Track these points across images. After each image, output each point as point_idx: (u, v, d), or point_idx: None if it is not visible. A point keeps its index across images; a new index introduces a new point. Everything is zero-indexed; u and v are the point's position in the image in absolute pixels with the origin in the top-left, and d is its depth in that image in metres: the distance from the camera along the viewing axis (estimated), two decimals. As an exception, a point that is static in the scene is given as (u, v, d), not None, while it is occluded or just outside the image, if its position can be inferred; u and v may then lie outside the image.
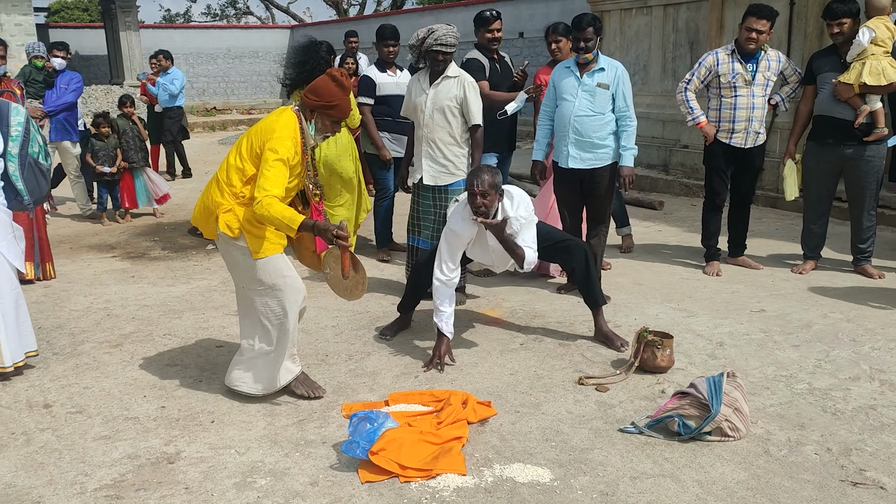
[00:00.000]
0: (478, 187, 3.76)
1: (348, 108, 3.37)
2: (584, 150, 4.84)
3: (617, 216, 6.08)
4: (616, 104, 4.80)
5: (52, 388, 3.73)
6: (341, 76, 3.35)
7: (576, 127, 4.81)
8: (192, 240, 6.93)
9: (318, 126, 3.39)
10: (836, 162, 5.26)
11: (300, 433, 3.22)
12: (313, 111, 3.37)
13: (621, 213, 6.17)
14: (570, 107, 4.83)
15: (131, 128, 7.73)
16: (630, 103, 4.82)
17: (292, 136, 3.28)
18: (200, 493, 2.79)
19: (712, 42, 8.31)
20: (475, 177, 3.80)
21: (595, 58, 4.78)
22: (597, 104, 4.78)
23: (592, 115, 4.79)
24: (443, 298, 3.93)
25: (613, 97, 4.79)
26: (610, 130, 4.83)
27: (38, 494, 2.80)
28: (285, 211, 3.15)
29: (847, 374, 3.74)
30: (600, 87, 4.77)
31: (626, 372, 3.75)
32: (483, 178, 3.78)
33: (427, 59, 4.65)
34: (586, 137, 4.81)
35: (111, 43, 19.39)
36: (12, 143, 3.75)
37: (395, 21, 19.11)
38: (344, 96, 3.34)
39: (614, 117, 4.83)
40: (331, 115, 3.35)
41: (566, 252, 4.14)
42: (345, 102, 3.34)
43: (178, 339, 4.39)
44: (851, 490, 2.75)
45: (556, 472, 2.89)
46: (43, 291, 5.28)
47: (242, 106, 23.33)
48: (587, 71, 4.79)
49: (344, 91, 3.34)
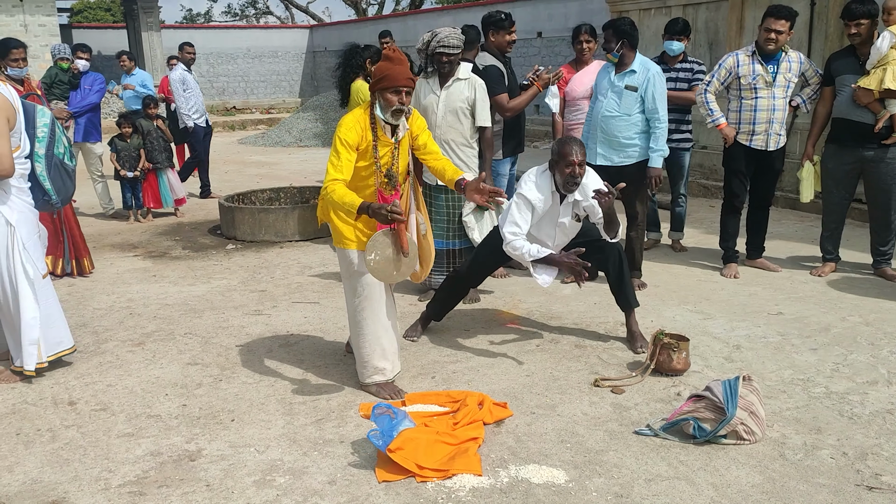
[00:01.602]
0: (576, 157, 3.76)
1: (401, 77, 3.34)
2: (611, 149, 5.02)
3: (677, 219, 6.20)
4: (645, 105, 4.91)
5: (76, 385, 3.81)
6: (391, 51, 3.41)
7: (602, 126, 5.01)
8: (213, 239, 7.02)
9: (382, 104, 3.39)
10: (855, 164, 5.23)
11: (318, 432, 3.27)
12: (374, 94, 3.42)
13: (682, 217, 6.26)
14: (600, 106, 5.05)
15: (155, 128, 7.83)
16: (660, 105, 4.90)
17: (357, 121, 3.40)
18: (221, 490, 2.85)
19: (732, 43, 8.27)
20: (570, 146, 3.78)
21: (627, 60, 4.92)
22: (623, 105, 4.93)
23: (618, 116, 4.96)
24: (520, 244, 3.85)
25: (643, 98, 4.89)
26: (637, 130, 4.96)
27: (64, 490, 2.87)
28: (346, 196, 3.23)
29: (865, 378, 3.72)
30: (628, 89, 4.90)
31: (641, 374, 3.76)
32: (577, 148, 3.78)
33: (433, 61, 4.69)
34: (612, 137, 4.99)
35: (133, 43, 19.59)
36: (39, 144, 3.83)
37: (413, 21, 19.26)
38: (392, 66, 3.35)
39: (643, 118, 4.94)
40: (384, 87, 3.35)
41: (601, 251, 4.13)
42: (393, 71, 3.33)
43: (199, 337, 4.45)
44: (867, 494, 2.75)
45: (572, 473, 2.92)
46: (67, 290, 5.38)
47: (262, 105, 23.50)
48: (619, 72, 4.95)
49: (391, 62, 3.36)
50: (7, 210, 3.68)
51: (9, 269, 3.72)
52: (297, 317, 4.79)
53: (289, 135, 15.51)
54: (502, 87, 5.16)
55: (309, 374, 3.90)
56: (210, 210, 8.23)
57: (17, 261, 3.72)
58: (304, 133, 15.51)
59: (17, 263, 3.72)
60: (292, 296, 5.23)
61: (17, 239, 3.71)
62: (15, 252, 3.72)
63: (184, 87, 8.80)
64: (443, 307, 4.38)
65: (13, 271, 3.72)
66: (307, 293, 5.29)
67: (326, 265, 6.00)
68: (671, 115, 5.80)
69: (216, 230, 7.34)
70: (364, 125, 3.41)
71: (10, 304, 3.78)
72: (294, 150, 14.44)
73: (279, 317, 4.80)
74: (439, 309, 4.38)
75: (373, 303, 3.54)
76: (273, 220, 6.80)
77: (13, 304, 3.78)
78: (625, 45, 4.90)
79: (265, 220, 6.80)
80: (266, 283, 5.55)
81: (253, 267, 6.02)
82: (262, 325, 4.65)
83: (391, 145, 3.47)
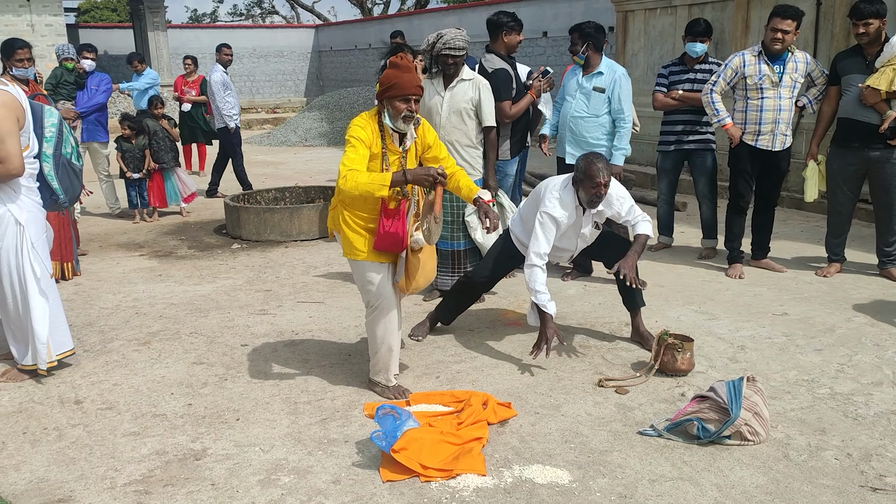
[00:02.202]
0: (603, 177, 3.74)
1: (409, 85, 3.32)
2: (580, 149, 5.20)
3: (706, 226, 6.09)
4: (612, 106, 5.11)
5: (82, 384, 3.83)
6: (399, 59, 3.38)
7: (571, 126, 5.26)
8: (218, 239, 7.04)
9: (390, 112, 3.37)
10: (860, 164, 5.21)
11: (323, 432, 3.28)
12: (382, 102, 3.40)
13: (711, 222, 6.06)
14: (569, 107, 5.28)
15: (161, 128, 7.86)
16: (625, 105, 5.08)
17: (367, 123, 3.38)
18: (226, 489, 2.86)
19: (737, 43, 8.26)
20: (595, 165, 3.74)
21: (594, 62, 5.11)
22: (591, 106, 5.16)
23: (587, 117, 5.21)
24: (539, 281, 3.85)
25: (610, 99, 5.07)
26: (605, 131, 5.20)
27: (70, 489, 2.89)
28: (371, 176, 3.22)
29: (870, 379, 3.72)
30: (596, 91, 5.12)
31: (645, 374, 3.76)
32: (602, 167, 3.74)
33: (438, 62, 4.70)
34: (580, 137, 5.23)
35: (139, 43, 19.63)
36: (47, 143, 3.86)
37: (418, 20, 19.28)
38: (401, 74, 3.32)
39: (611, 119, 5.17)
40: (393, 95, 3.33)
41: (608, 249, 4.21)
42: (402, 80, 3.31)
43: (205, 337, 4.47)
44: (871, 496, 2.75)
45: (575, 473, 2.92)
46: (74, 289, 5.41)
47: (267, 105, 23.55)
48: (587, 74, 5.16)
49: (400, 70, 3.34)
50: (16, 209, 3.70)
51: (18, 268, 3.74)
52: (302, 316, 4.80)
53: (294, 134, 15.53)
54: (508, 93, 5.15)
55: (313, 373, 3.91)
56: (215, 210, 8.26)
57: (25, 259, 3.74)
58: (310, 133, 15.53)
59: (26, 262, 3.75)
60: (297, 295, 5.25)
61: (26, 238, 3.74)
62: (24, 251, 3.74)
63: (225, 88, 8.75)
64: (453, 312, 4.39)
65: (22, 270, 3.75)
66: (312, 293, 5.30)
67: (331, 265, 6.01)
68: (687, 115, 5.81)
69: (221, 230, 7.36)
70: (373, 129, 3.39)
71: (19, 302, 3.80)
72: (299, 150, 14.46)
73: (284, 316, 4.81)
74: (449, 314, 4.39)
75: (387, 312, 3.55)
76: (278, 219, 6.82)
77: (21, 303, 3.80)
78: (590, 47, 5.12)
79: (270, 219, 6.82)
80: (271, 283, 5.57)
81: (258, 266, 6.04)
82: (268, 324, 4.67)
83: (399, 154, 3.44)
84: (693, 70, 5.84)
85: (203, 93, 10.26)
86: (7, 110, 3.57)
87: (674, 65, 6.00)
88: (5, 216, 3.68)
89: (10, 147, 3.55)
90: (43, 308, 3.82)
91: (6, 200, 3.68)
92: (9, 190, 3.68)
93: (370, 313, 3.58)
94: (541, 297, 3.84)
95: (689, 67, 5.86)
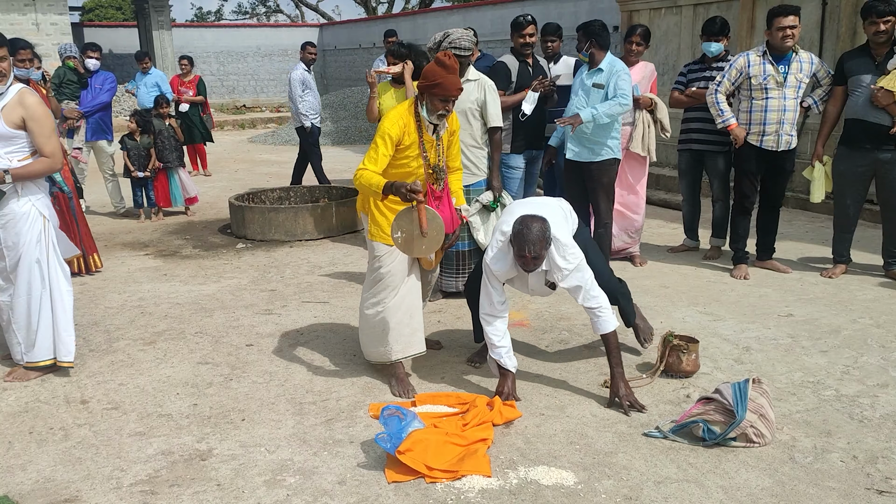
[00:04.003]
0: (529, 253, 3.25)
1: (452, 88, 3.43)
2: (581, 145, 5.30)
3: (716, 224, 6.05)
4: (610, 93, 5.13)
5: (88, 384, 3.84)
6: (446, 58, 3.45)
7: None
8: (223, 238, 7.05)
9: (428, 107, 3.50)
10: (868, 166, 5.19)
11: (328, 432, 3.29)
12: (423, 93, 3.51)
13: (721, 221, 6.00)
14: (572, 104, 5.33)
15: (167, 128, 7.87)
16: (622, 93, 5.07)
17: (401, 116, 3.52)
18: (231, 489, 2.87)
19: (742, 42, 8.24)
20: (524, 242, 3.24)
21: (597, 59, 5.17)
22: (590, 102, 5.20)
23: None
24: (497, 332, 3.53)
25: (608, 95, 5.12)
26: (605, 129, 5.20)
27: (76, 489, 2.89)
28: (373, 178, 3.39)
29: (875, 381, 3.71)
30: (595, 87, 5.17)
31: (651, 376, 3.76)
32: (532, 243, 3.24)
33: None
34: (581, 133, 5.25)
35: (144, 41, 19.66)
36: None
37: (422, 19, 19.24)
38: (446, 75, 3.42)
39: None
40: (435, 94, 3.45)
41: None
42: (447, 81, 3.41)
43: (210, 337, 4.48)
44: (877, 498, 2.74)
45: (581, 475, 2.92)
46: (79, 289, 5.41)
47: (272, 104, 23.55)
48: (589, 71, 5.23)
49: (447, 70, 3.43)
50: (41, 205, 3.80)
51: (41, 261, 3.79)
52: (306, 316, 4.81)
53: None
54: (500, 85, 5.24)
55: (319, 373, 3.92)
56: (220, 209, 8.26)
57: (52, 252, 3.83)
58: (314, 131, 15.52)
59: (52, 255, 3.83)
60: (302, 295, 5.25)
61: (51, 232, 3.83)
62: (49, 244, 3.82)
63: (303, 87, 8.70)
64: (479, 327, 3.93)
65: (45, 263, 3.81)
66: (317, 293, 5.31)
67: (336, 265, 6.01)
68: (699, 113, 5.78)
69: (226, 229, 7.37)
70: (407, 121, 3.52)
71: (37, 297, 3.80)
72: (303, 149, 14.45)
73: (289, 316, 4.82)
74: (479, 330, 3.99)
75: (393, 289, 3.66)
76: (283, 219, 6.83)
77: (41, 298, 3.81)
78: (593, 44, 5.16)
79: (275, 219, 6.83)
80: (276, 283, 5.57)
81: (263, 266, 6.05)
82: (273, 324, 4.68)
83: (433, 142, 3.60)
84: (710, 68, 5.80)
85: (200, 93, 10.31)
86: (46, 108, 3.76)
87: (693, 63, 5.99)
88: (31, 212, 3.75)
89: (56, 142, 3.76)
90: (70, 300, 3.90)
91: (31, 196, 3.75)
92: (33, 186, 3.77)
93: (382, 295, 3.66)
94: (497, 350, 3.52)
95: (707, 65, 5.84)
